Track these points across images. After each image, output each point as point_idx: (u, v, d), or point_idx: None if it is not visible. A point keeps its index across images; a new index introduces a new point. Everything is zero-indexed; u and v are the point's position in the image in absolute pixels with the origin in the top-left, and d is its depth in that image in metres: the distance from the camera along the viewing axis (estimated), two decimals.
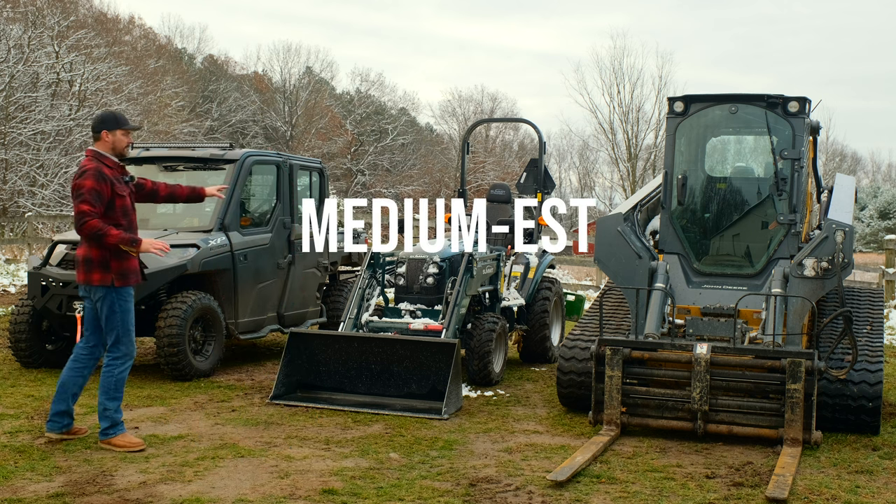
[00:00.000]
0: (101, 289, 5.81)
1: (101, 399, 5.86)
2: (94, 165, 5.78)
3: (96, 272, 5.80)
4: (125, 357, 5.89)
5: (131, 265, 5.89)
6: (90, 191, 5.70)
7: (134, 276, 5.92)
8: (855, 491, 5.25)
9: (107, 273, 5.79)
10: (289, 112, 48.76)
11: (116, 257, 5.81)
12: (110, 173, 5.82)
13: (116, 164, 5.93)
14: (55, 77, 26.76)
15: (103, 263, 5.79)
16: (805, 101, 7.19)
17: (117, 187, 5.83)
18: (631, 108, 49.49)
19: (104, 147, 5.91)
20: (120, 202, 5.85)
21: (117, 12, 46.22)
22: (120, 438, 5.81)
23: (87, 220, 5.68)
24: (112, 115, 6.01)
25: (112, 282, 5.79)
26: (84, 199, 5.70)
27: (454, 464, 5.64)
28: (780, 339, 6.48)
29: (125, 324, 5.86)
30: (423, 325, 7.90)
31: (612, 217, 7.41)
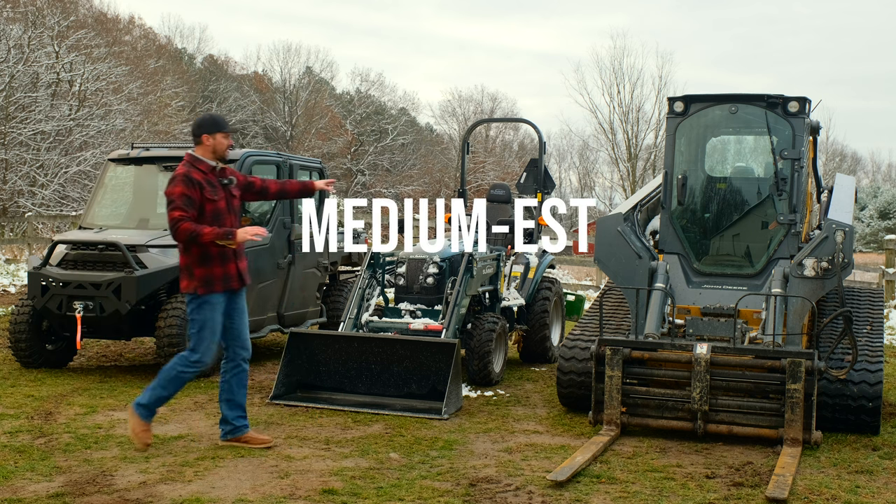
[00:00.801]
0: (188, 296, 5.79)
1: (157, 379, 5.80)
2: (184, 171, 5.75)
3: (184, 279, 5.79)
4: (197, 363, 5.79)
5: (218, 272, 5.78)
6: (180, 196, 5.66)
7: (221, 284, 5.79)
8: (855, 491, 5.25)
9: (191, 280, 5.75)
10: (289, 112, 48.77)
11: (201, 264, 5.73)
12: (201, 177, 5.76)
13: (211, 167, 5.86)
14: (55, 77, 26.76)
15: (188, 271, 5.76)
16: (805, 101, 7.19)
17: (207, 191, 5.75)
18: (631, 108, 49.53)
19: (203, 151, 5.87)
20: (210, 206, 5.76)
21: (117, 12, 46.25)
22: (138, 423, 5.74)
23: (180, 225, 5.61)
24: (211, 118, 5.97)
25: (195, 289, 5.73)
26: (175, 205, 5.65)
27: (454, 464, 5.64)
28: (780, 339, 6.48)
29: (202, 335, 5.76)
30: (423, 325, 7.90)
31: (612, 217, 7.41)
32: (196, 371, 5.82)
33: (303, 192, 6.55)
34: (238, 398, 5.99)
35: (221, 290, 5.79)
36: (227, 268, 5.81)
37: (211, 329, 5.77)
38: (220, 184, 5.88)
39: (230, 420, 5.97)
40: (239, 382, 5.99)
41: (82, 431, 6.25)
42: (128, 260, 7.99)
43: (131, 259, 8.00)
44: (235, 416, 5.98)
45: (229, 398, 5.97)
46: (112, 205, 9.45)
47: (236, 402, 5.98)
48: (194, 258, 5.73)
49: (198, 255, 5.72)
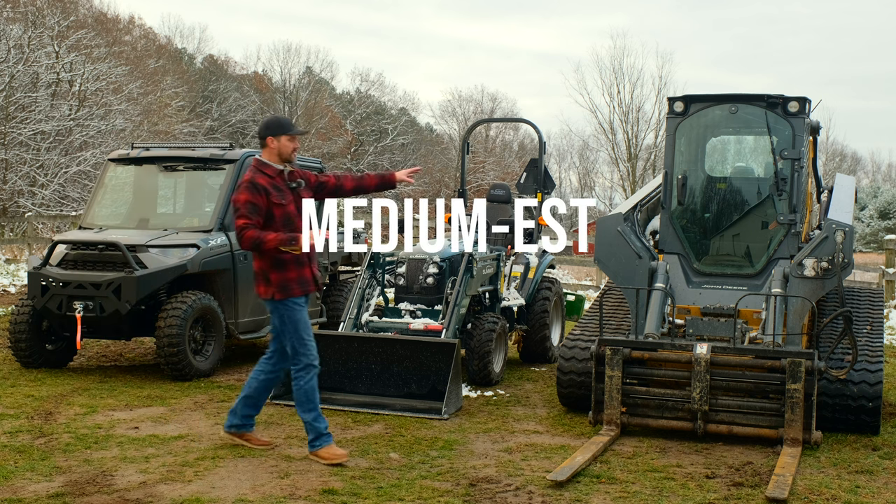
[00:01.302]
0: (268, 302, 5.73)
1: (298, 412, 5.75)
2: (249, 177, 5.64)
3: (260, 285, 5.73)
4: (309, 367, 5.72)
5: (293, 275, 5.69)
6: (245, 204, 5.56)
7: (299, 287, 5.71)
8: (855, 491, 5.25)
9: (268, 286, 5.68)
10: (289, 112, 48.73)
11: (276, 269, 5.65)
12: (267, 182, 5.63)
13: (278, 171, 5.73)
14: (55, 77, 26.76)
15: (264, 276, 5.69)
16: (805, 101, 7.19)
17: (274, 196, 5.62)
18: (631, 108, 49.53)
19: (268, 154, 5.75)
20: (279, 211, 5.65)
21: (117, 12, 46.24)
22: (325, 451, 5.62)
23: (245, 232, 5.52)
24: (277, 121, 5.88)
25: (273, 295, 5.66)
26: (240, 213, 5.57)
27: (454, 464, 5.64)
28: (780, 339, 6.48)
29: (298, 334, 5.69)
30: (423, 325, 7.90)
31: (612, 217, 7.41)
32: (314, 373, 5.75)
33: (382, 185, 6.21)
34: (259, 401, 5.97)
35: (300, 293, 5.72)
36: (302, 272, 5.74)
37: (304, 327, 5.72)
38: (287, 187, 5.75)
39: (240, 414, 5.94)
40: (266, 387, 5.97)
41: (82, 431, 6.25)
42: (128, 260, 8.00)
43: (131, 259, 8.00)
44: (246, 415, 5.96)
45: (249, 395, 5.94)
46: (112, 205, 9.45)
47: (255, 401, 5.95)
48: (268, 263, 5.66)
49: (272, 260, 5.65)
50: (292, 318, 5.69)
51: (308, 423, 5.70)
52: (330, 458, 5.58)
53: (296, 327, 5.69)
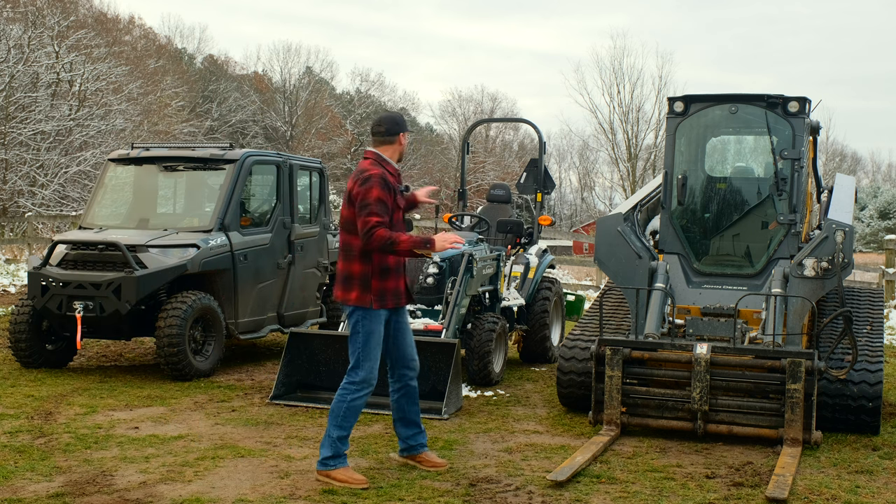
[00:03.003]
0: (356, 309, 5.29)
1: (329, 425, 5.28)
2: (380, 172, 5.25)
3: (354, 290, 5.27)
4: (363, 384, 5.27)
5: (392, 286, 5.33)
6: (377, 201, 5.15)
7: (393, 299, 5.34)
8: (855, 491, 5.25)
9: (366, 293, 5.26)
10: (289, 112, 48.78)
11: (379, 276, 5.28)
12: (393, 182, 5.31)
13: (397, 172, 5.42)
14: (55, 77, 26.77)
15: (363, 282, 5.27)
16: (805, 101, 7.19)
17: (398, 199, 5.35)
18: (631, 108, 49.59)
19: (391, 152, 5.39)
20: (397, 216, 5.34)
21: (117, 12, 46.28)
22: (342, 472, 5.18)
23: (377, 231, 5.11)
24: (402, 117, 5.53)
25: (371, 303, 5.25)
26: (371, 209, 5.13)
27: (454, 464, 5.64)
28: (780, 339, 6.48)
29: (367, 348, 5.27)
30: (423, 325, 7.89)
31: (612, 217, 7.41)
32: (367, 392, 5.30)
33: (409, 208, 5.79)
34: (412, 415, 5.55)
35: (392, 305, 5.35)
36: (399, 283, 5.39)
37: (377, 343, 5.32)
38: (400, 191, 5.43)
39: (405, 439, 5.57)
40: (410, 400, 5.54)
41: (82, 431, 6.25)
42: (128, 260, 7.99)
43: (131, 259, 8.00)
44: (412, 434, 5.57)
45: (401, 416, 5.56)
46: (112, 205, 9.45)
47: (410, 419, 5.56)
48: (375, 269, 5.27)
49: (378, 267, 5.27)
50: (368, 330, 5.28)
51: (331, 440, 5.25)
52: (347, 482, 5.14)
53: (368, 340, 5.28)
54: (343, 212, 5.35)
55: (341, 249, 5.39)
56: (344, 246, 5.36)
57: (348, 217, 5.30)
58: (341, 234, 5.38)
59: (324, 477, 5.19)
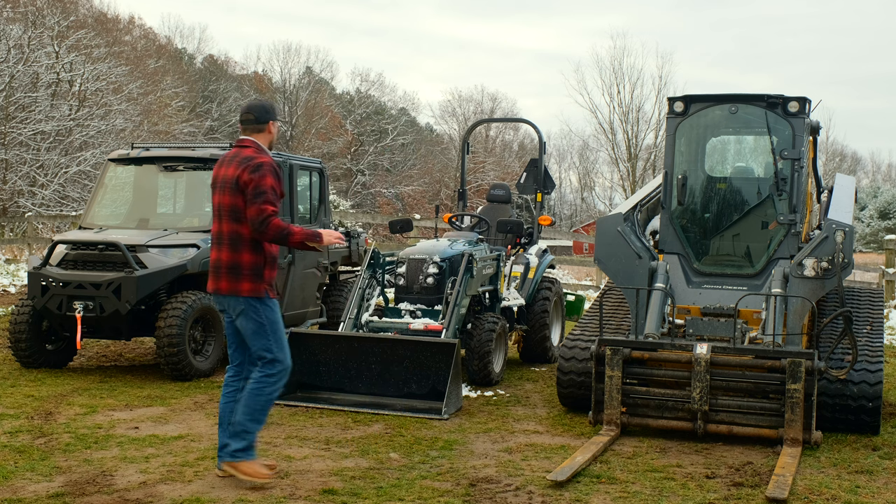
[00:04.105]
0: (247, 300, 5.09)
1: (242, 418, 5.11)
2: (270, 160, 5.12)
3: (246, 281, 5.08)
4: (281, 374, 5.19)
5: (274, 276, 5.24)
6: (271, 189, 5.04)
7: (273, 290, 5.25)
8: (855, 491, 5.25)
9: (259, 283, 5.10)
10: (289, 112, 48.77)
11: (270, 266, 5.17)
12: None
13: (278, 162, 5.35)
14: (55, 77, 26.78)
15: (257, 272, 5.11)
16: (805, 101, 7.19)
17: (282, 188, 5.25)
18: (631, 108, 49.60)
19: (265, 140, 5.25)
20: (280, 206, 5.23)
21: (117, 12, 46.29)
22: (248, 465, 5.08)
23: (272, 220, 4.99)
24: (271, 106, 5.37)
25: (266, 292, 5.13)
26: (266, 197, 5.00)
27: (454, 464, 5.64)
28: (780, 339, 6.48)
29: (277, 336, 5.16)
30: (423, 325, 7.89)
31: (612, 217, 7.41)
32: (284, 381, 5.24)
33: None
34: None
35: (274, 295, 5.26)
36: (274, 273, 5.29)
37: (283, 328, 5.23)
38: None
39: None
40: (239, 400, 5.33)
41: (82, 431, 6.25)
42: (128, 260, 7.99)
43: (131, 259, 8.00)
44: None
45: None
46: (112, 205, 9.45)
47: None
48: (267, 259, 5.16)
49: (269, 256, 5.18)
50: (272, 319, 5.17)
51: (246, 434, 5.11)
52: (254, 476, 5.05)
53: (275, 329, 5.16)
54: (226, 200, 5.11)
55: (224, 239, 5.13)
56: (230, 235, 5.11)
57: (235, 205, 5.08)
58: (224, 224, 5.13)
59: (230, 468, 5.09)
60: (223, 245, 5.15)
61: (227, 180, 5.11)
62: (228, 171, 5.12)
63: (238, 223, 5.10)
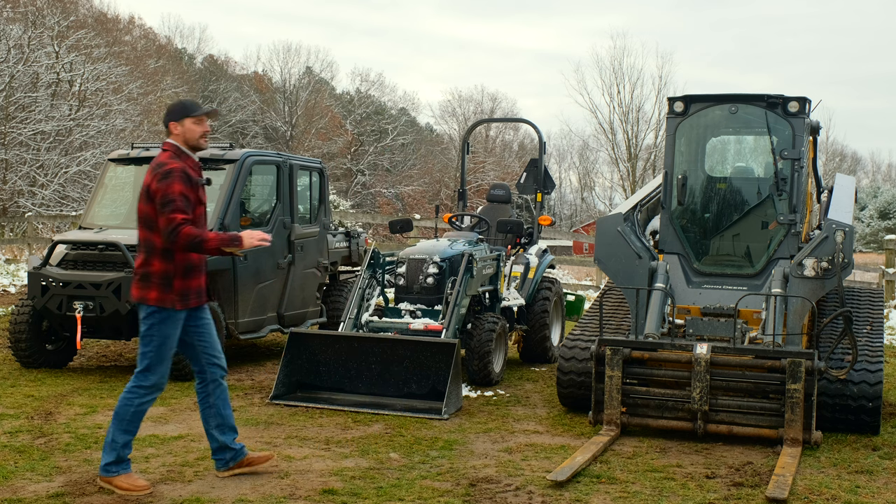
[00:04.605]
0: (150, 309, 4.97)
1: (112, 429, 5.00)
2: (181, 165, 4.98)
3: (154, 290, 4.95)
4: (153, 388, 5.03)
5: (195, 285, 5.07)
6: (180, 195, 4.89)
7: (196, 298, 5.09)
8: (855, 491, 5.25)
9: (167, 293, 4.96)
10: (289, 112, 48.78)
11: (183, 275, 5.00)
12: (194, 175, 5.04)
13: (196, 162, 5.12)
14: (55, 77, 26.78)
15: (166, 281, 4.96)
16: (805, 101, 7.19)
17: (200, 192, 5.08)
18: (631, 108, 49.60)
19: (181, 141, 5.10)
20: (199, 211, 5.07)
21: (117, 12, 46.29)
22: (123, 479, 4.93)
23: (182, 228, 4.83)
24: (180, 104, 5.22)
25: (173, 304, 4.97)
26: (175, 206, 4.86)
27: (454, 464, 5.64)
28: (780, 339, 6.48)
29: (161, 352, 5.00)
30: (423, 325, 7.89)
31: (612, 217, 7.41)
32: (154, 397, 5.08)
33: None
34: (228, 419, 5.27)
35: (195, 304, 5.09)
36: (201, 281, 5.13)
37: (170, 347, 5.05)
38: (200, 184, 5.16)
39: (228, 446, 5.27)
40: (224, 402, 5.28)
41: (82, 431, 6.25)
42: (128, 260, 7.99)
43: (131, 259, 8.00)
44: (233, 440, 5.30)
45: (220, 423, 5.25)
46: (112, 205, 9.45)
47: (228, 424, 5.27)
48: (179, 268, 4.98)
49: (182, 265, 4.99)
50: (164, 334, 4.99)
51: (115, 445, 4.95)
52: (130, 489, 4.89)
53: (163, 343, 4.99)
54: (140, 207, 5.03)
55: (140, 246, 5.06)
56: (144, 243, 5.03)
57: (147, 213, 4.98)
58: (140, 230, 5.05)
59: (106, 484, 4.94)
60: (139, 252, 5.08)
61: (143, 187, 5.03)
62: (146, 177, 5.04)
63: (150, 231, 5.00)
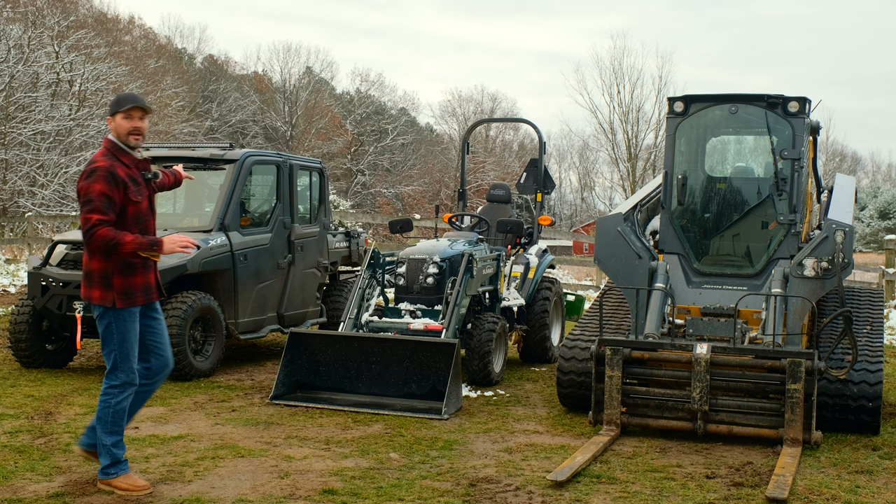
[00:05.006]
0: (97, 308, 4.96)
1: (99, 433, 5.00)
2: (107, 164, 4.86)
3: (96, 289, 4.93)
4: (125, 386, 4.98)
5: (139, 282, 4.98)
6: (100, 196, 4.79)
7: (143, 295, 5.01)
8: (855, 491, 5.25)
9: (108, 291, 4.91)
10: (289, 112, 48.77)
11: (122, 273, 4.92)
12: (124, 173, 4.89)
13: (136, 160, 5.00)
14: (55, 77, 26.78)
15: (105, 279, 4.91)
16: (805, 101, 7.19)
17: (131, 191, 4.91)
18: (631, 108, 49.59)
19: (117, 136, 4.99)
20: (133, 209, 4.94)
21: (117, 12, 46.29)
22: (122, 479, 4.94)
23: (97, 230, 4.77)
24: (114, 99, 5.08)
25: (114, 302, 4.90)
26: (93, 206, 4.78)
27: (454, 464, 5.64)
28: (780, 339, 6.48)
29: (124, 348, 4.95)
30: (423, 325, 7.89)
31: (612, 217, 7.41)
32: (131, 392, 5.02)
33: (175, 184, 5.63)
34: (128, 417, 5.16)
35: (142, 302, 5.02)
36: (147, 278, 5.04)
37: (133, 342, 5.00)
38: (143, 179, 5.03)
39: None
40: (138, 404, 5.20)
41: (82, 431, 6.23)
42: None
43: None
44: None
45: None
46: None
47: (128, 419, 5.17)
48: (115, 265, 4.90)
49: (119, 263, 4.91)
50: (122, 330, 4.94)
51: (105, 448, 4.96)
52: (130, 489, 4.90)
53: (123, 339, 4.95)
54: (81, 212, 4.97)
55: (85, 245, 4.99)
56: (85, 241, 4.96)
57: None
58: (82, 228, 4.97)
59: (106, 486, 4.95)
60: (85, 250, 5.02)
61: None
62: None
63: None
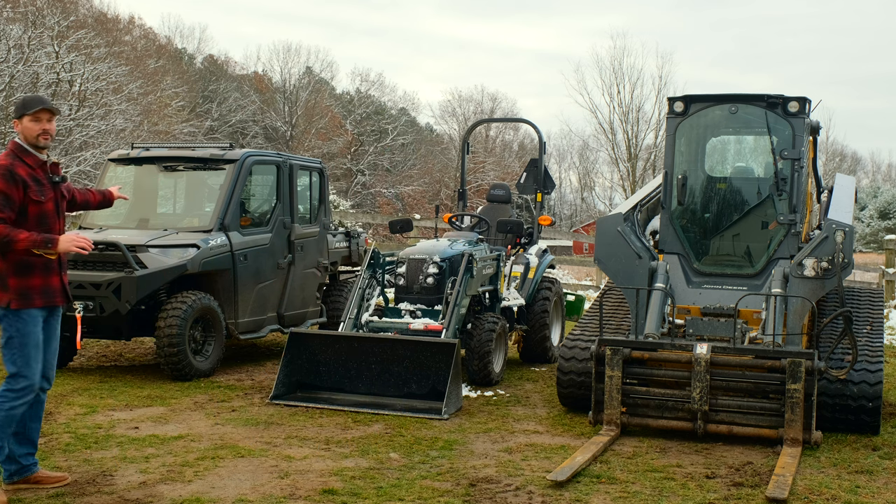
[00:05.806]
0: (3, 311, 4.85)
1: None
2: (7, 163, 4.82)
3: None
4: (24, 391, 4.85)
5: (37, 283, 4.90)
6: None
7: (42, 297, 4.92)
8: (855, 491, 5.25)
9: (4, 292, 4.82)
10: (289, 112, 48.75)
11: (17, 274, 4.83)
12: (26, 173, 4.83)
13: (41, 162, 4.94)
14: (55, 77, 26.76)
15: (1, 280, 4.83)
16: (805, 101, 7.19)
17: (32, 191, 4.84)
18: (631, 108, 49.55)
19: (21, 139, 4.94)
20: (35, 209, 4.87)
21: (117, 12, 46.27)
22: None
23: None
24: (20, 101, 5.02)
25: (9, 303, 4.81)
26: None
27: (454, 464, 5.64)
28: (780, 339, 6.48)
29: (24, 351, 4.84)
30: (423, 325, 7.89)
31: (612, 217, 7.41)
32: (29, 398, 4.89)
33: (102, 204, 5.72)
34: (30, 433, 5.06)
35: (42, 304, 4.93)
36: (49, 280, 4.96)
37: (35, 345, 4.89)
38: (49, 181, 4.99)
39: (17, 458, 4.99)
40: (34, 415, 5.06)
41: (82, 431, 6.25)
42: (128, 260, 7.99)
43: (131, 259, 8.00)
44: (24, 454, 5.02)
45: (19, 431, 4.98)
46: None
47: (27, 436, 5.04)
48: (10, 266, 4.83)
49: (14, 263, 4.84)
50: (22, 332, 4.84)
51: None
52: None
53: (24, 343, 4.85)
54: None
55: None
56: None
57: None
58: None
59: None
60: None
61: None
62: None
63: None
